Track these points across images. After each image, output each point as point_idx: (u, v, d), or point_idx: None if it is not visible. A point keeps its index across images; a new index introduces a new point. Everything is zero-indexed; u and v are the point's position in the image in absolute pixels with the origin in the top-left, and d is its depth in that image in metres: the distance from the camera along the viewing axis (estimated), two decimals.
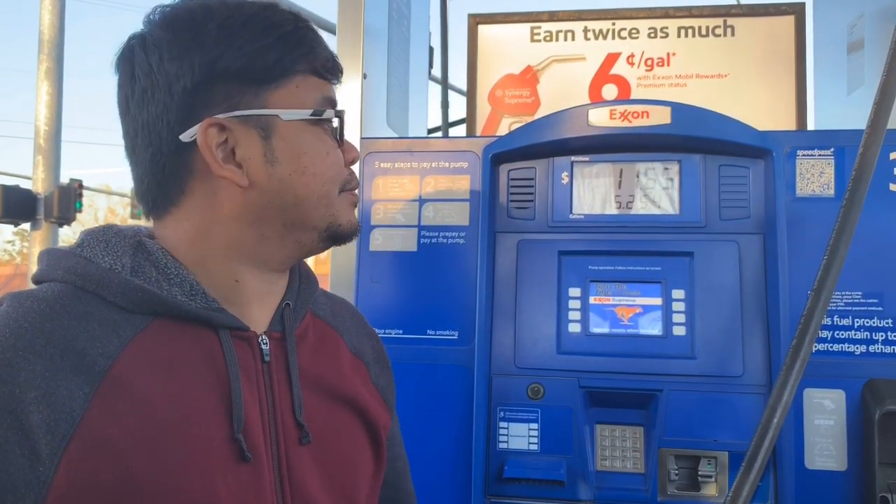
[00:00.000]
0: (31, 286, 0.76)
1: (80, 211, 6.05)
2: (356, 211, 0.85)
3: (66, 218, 5.80)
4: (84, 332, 0.69)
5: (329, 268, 1.77)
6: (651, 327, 1.54)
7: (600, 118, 1.57)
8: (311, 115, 0.78)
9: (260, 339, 0.78)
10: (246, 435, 0.72)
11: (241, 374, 0.74)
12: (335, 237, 0.82)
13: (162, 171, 0.77)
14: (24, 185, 6.08)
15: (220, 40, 0.74)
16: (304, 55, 0.78)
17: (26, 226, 6.05)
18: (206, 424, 0.71)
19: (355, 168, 0.86)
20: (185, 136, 0.75)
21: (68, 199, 5.79)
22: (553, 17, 2.22)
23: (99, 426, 0.65)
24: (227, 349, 0.74)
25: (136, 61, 0.76)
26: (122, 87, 0.78)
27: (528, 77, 2.22)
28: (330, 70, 0.81)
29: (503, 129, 2.18)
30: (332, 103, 0.81)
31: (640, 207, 1.60)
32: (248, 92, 0.75)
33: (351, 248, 1.66)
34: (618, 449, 1.52)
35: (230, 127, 0.75)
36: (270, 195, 0.76)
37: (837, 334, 1.47)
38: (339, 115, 0.81)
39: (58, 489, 0.63)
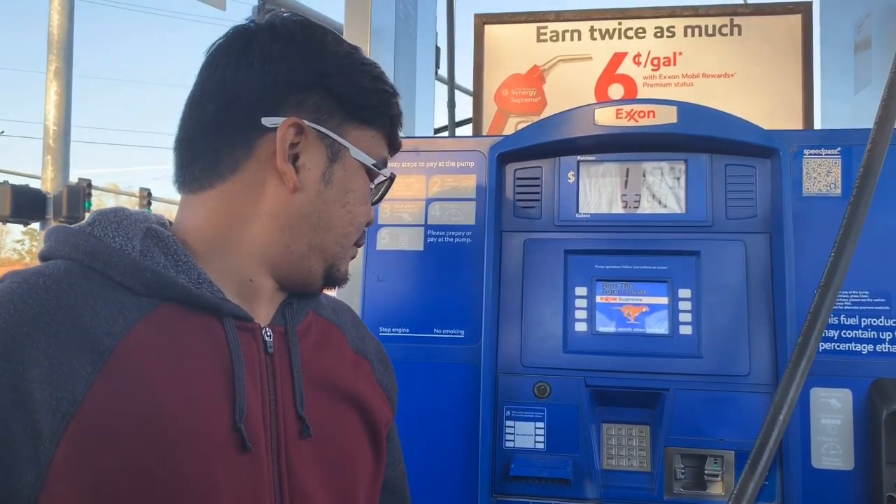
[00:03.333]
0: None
1: (88, 210, 6.09)
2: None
3: (74, 217, 5.84)
4: (90, 311, 0.68)
5: None
6: (657, 326, 1.54)
7: (606, 117, 1.57)
8: (374, 164, 0.85)
9: (264, 331, 0.79)
10: (247, 426, 0.72)
11: (245, 365, 0.74)
12: (330, 278, 0.85)
13: (226, 137, 0.78)
14: (34, 184, 6.12)
15: (343, 65, 0.82)
16: (389, 119, 0.87)
17: (35, 225, 6.09)
18: (208, 412, 0.71)
19: None
20: (267, 121, 0.77)
21: (77, 199, 5.83)
22: (559, 16, 2.22)
23: (101, 407, 0.65)
24: (231, 338, 0.74)
25: (256, 41, 0.80)
26: (227, 55, 0.80)
27: (535, 77, 2.22)
28: (396, 144, 0.90)
29: (509, 129, 2.19)
30: (386, 167, 0.89)
31: (647, 207, 1.60)
32: (337, 116, 0.81)
33: None
34: (624, 448, 1.52)
35: (307, 134, 0.79)
36: (311, 209, 0.80)
37: (844, 333, 1.47)
38: (392, 178, 0.90)
39: (58, 468, 0.63)
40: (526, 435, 1.52)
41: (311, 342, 0.85)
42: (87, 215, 0.79)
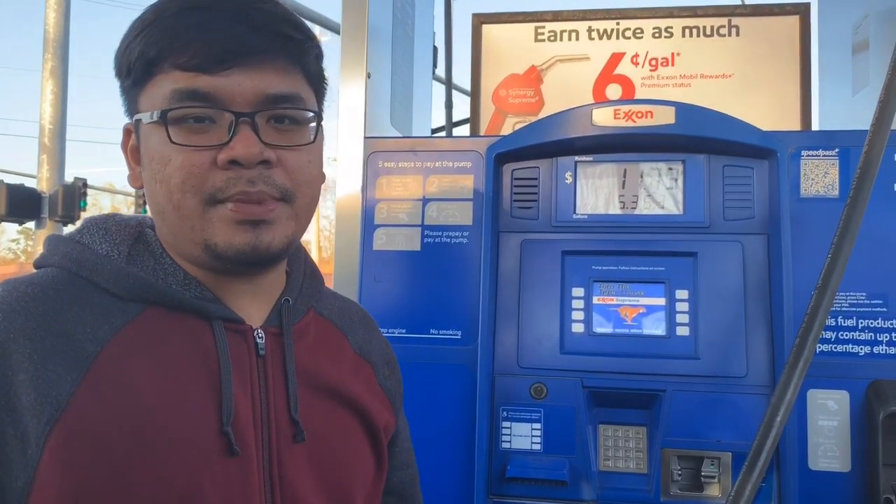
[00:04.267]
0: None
1: (84, 209, 6.07)
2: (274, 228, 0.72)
3: (70, 216, 5.82)
4: (75, 317, 0.69)
5: (332, 267, 1.77)
6: (654, 327, 1.54)
7: (604, 118, 1.57)
8: (151, 117, 0.71)
9: (255, 333, 0.77)
10: (235, 429, 0.71)
11: (234, 368, 0.73)
12: (219, 258, 0.72)
13: None
14: (29, 183, 6.10)
15: (118, 51, 0.76)
16: (165, 48, 0.69)
17: (31, 224, 6.07)
18: (194, 416, 0.70)
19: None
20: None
21: (73, 198, 5.81)
22: (557, 16, 2.22)
23: (84, 413, 0.65)
24: (219, 340, 0.73)
25: None
26: None
27: (532, 77, 2.21)
28: (197, 58, 0.68)
29: (507, 129, 2.18)
30: (194, 96, 0.69)
31: (644, 207, 1.60)
32: (132, 95, 0.75)
33: (354, 247, 1.66)
34: (621, 449, 1.52)
35: (132, 132, 0.77)
36: (149, 201, 0.75)
37: (841, 335, 1.47)
38: (166, 113, 0.69)
39: (43, 473, 0.63)
40: (522, 436, 1.52)
41: (308, 343, 0.83)
42: (80, 221, 0.80)
